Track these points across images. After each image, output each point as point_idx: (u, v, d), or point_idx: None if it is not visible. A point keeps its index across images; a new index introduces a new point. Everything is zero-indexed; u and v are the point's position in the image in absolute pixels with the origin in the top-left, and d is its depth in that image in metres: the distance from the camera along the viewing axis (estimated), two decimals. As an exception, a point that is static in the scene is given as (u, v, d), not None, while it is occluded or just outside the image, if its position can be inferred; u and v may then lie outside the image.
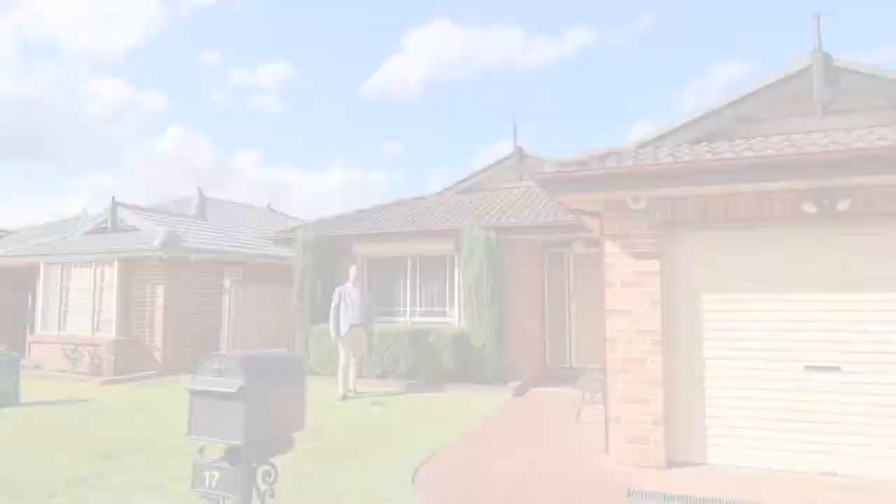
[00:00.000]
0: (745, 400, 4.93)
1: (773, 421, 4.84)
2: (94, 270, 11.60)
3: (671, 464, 4.97)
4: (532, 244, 9.35)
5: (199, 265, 11.98)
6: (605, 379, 5.32)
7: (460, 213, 9.90)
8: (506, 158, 11.49)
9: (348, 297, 8.10)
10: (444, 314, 9.62)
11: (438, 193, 12.22)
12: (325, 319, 9.40)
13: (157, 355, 11.20)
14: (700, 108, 5.15)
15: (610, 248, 5.26)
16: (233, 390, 2.79)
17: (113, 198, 12.42)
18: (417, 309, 9.81)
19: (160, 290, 11.27)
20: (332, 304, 8.15)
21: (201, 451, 2.94)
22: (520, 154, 11.32)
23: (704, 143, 5.05)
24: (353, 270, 8.26)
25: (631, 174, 4.67)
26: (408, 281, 9.87)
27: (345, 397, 7.85)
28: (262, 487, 2.93)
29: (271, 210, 21.08)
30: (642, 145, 5.28)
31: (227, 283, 10.96)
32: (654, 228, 5.12)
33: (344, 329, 7.99)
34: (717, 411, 5.01)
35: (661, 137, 5.28)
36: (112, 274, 11.41)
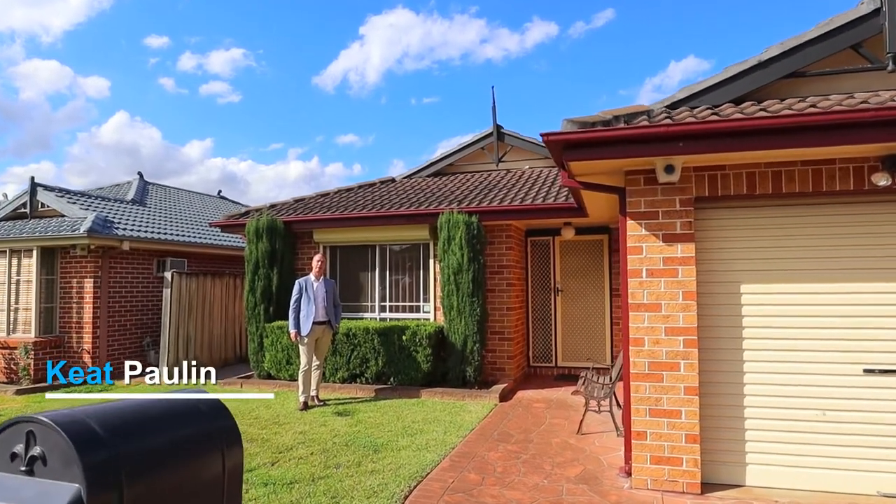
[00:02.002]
0: (792, 410, 4.13)
1: (825, 434, 4.07)
2: (9, 261, 9.99)
3: (706, 488, 4.14)
4: (515, 231, 8.42)
5: (136, 255, 10.56)
6: (610, 384, 4.40)
7: (434, 196, 8.87)
8: (483, 138, 10.49)
9: (311, 290, 6.97)
10: (418, 309, 8.59)
11: (407, 176, 11.14)
12: (282, 316, 8.25)
13: (88, 358, 9.75)
14: (739, 64, 4.30)
15: (634, 229, 4.35)
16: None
17: (32, 178, 10.79)
18: (388, 304, 8.74)
19: (89, 284, 9.81)
20: (292, 299, 7.01)
21: None
22: (499, 133, 10.35)
23: (751, 103, 4.20)
24: (316, 260, 7.13)
25: (669, 135, 3.76)
26: (377, 272, 8.78)
27: (307, 406, 6.74)
28: None
29: (221, 198, 19.50)
30: (673, 104, 4.39)
31: (168, 274, 9.58)
32: (689, 206, 4.25)
33: (306, 328, 6.86)
34: (759, 423, 4.20)
35: (693, 96, 4.40)
36: (31, 265, 9.85)
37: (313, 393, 6.98)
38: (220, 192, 20.35)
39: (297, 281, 7.11)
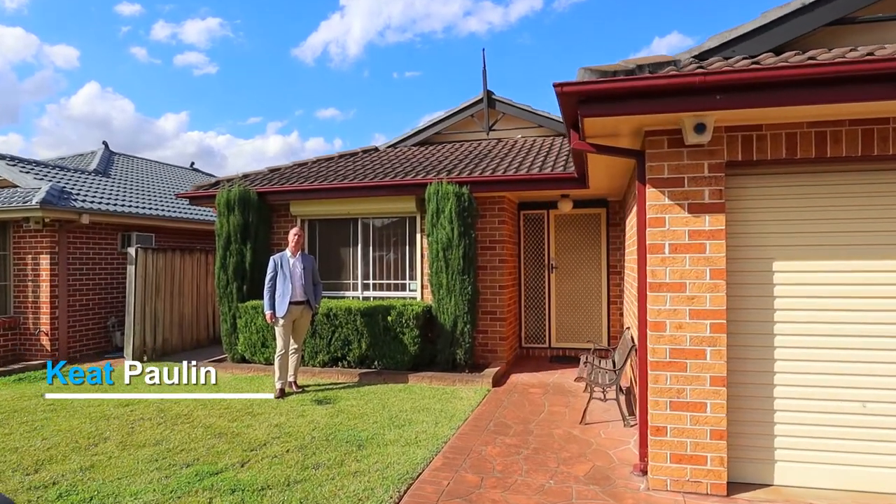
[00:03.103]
0: (828, 402, 3.69)
1: (865, 429, 3.64)
2: (-45, 235, 9.14)
3: (732, 488, 3.70)
4: (508, 204, 7.85)
5: (98, 229, 9.77)
6: (615, 370, 3.91)
7: (421, 166, 8.23)
8: (472, 104, 9.81)
9: (287, 267, 6.34)
10: (404, 287, 8.02)
11: (391, 146, 10.45)
12: (257, 295, 7.63)
13: (45, 341, 9.03)
14: (778, 9, 3.73)
15: (655, 198, 3.81)
16: None
17: (-20, 144, 9.84)
18: (372, 282, 8.15)
19: (45, 261, 9.02)
20: (266, 277, 6.38)
21: None
22: (490, 99, 9.68)
23: (793, 53, 3.64)
24: (293, 234, 6.48)
25: (706, 86, 3.19)
26: (359, 248, 8.17)
27: (283, 394, 6.18)
28: None
29: (194, 170, 18.56)
30: (701, 55, 3.82)
31: (131, 250, 8.83)
32: (719, 171, 3.71)
33: (282, 308, 6.25)
34: (790, 417, 3.75)
35: (725, 45, 3.84)
36: (-21, 240, 9.01)
37: (291, 379, 6.42)
38: (192, 164, 19.39)
39: (271, 258, 6.47)
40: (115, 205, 10.15)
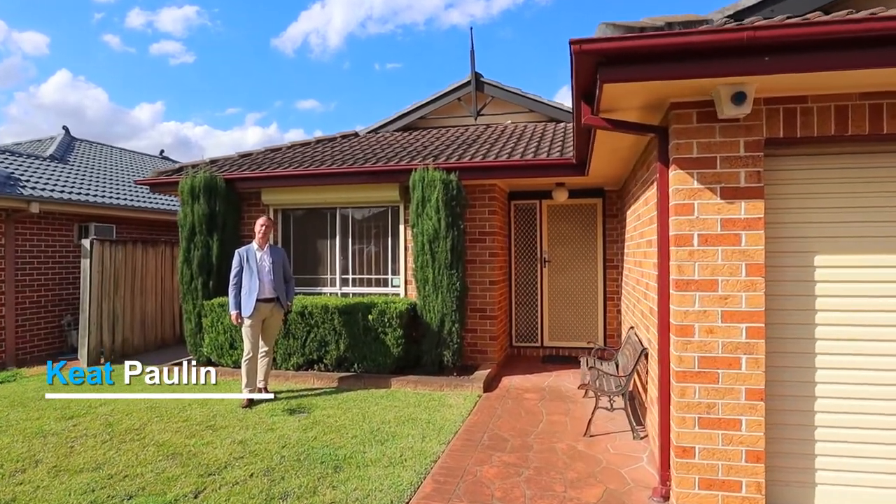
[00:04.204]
0: (877, 417, 3.21)
1: (918, 447, 3.17)
2: None
3: (768, 517, 3.20)
4: (499, 193, 7.27)
5: (51, 219, 8.96)
6: (624, 375, 3.43)
7: (405, 151, 7.61)
8: (459, 87, 9.19)
9: (253, 261, 5.69)
10: (386, 283, 7.41)
11: (372, 131, 9.79)
12: (224, 291, 6.97)
13: (-9, 341, 8.22)
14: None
15: (681, 181, 3.26)
16: None
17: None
18: (351, 276, 7.53)
19: (-11, 253, 8.19)
20: (231, 273, 5.72)
21: None
22: (478, 82, 9.07)
23: (846, 12, 3.11)
24: (259, 224, 5.81)
25: (755, 44, 2.64)
26: (338, 240, 7.52)
27: (251, 403, 5.54)
28: None
29: (164, 158, 17.61)
30: (737, 14, 3.27)
31: (85, 242, 8.05)
32: (757, 150, 3.18)
33: (249, 307, 5.60)
34: (833, 434, 3.27)
35: (764, 3, 3.30)
36: (-85, 230, 8.15)
37: (260, 385, 5.78)
38: (162, 151, 18.41)
39: (236, 251, 5.79)
40: (72, 193, 9.32)
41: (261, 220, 5.82)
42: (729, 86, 2.99)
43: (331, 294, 7.46)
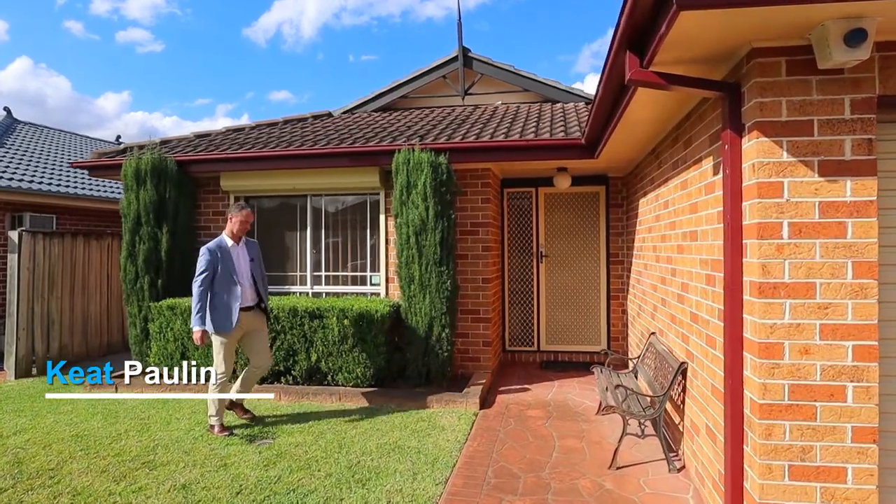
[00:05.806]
0: None
1: None
2: None
3: (874, 592, 2.44)
4: (493, 179, 6.42)
5: (-26, 208, 7.78)
6: (661, 395, 2.68)
7: (386, 132, 6.69)
8: (445, 63, 8.29)
9: (231, 261, 4.55)
10: (364, 281, 6.51)
11: (348, 111, 8.82)
12: (175, 292, 5.98)
13: None
14: None
15: (765, 153, 2.46)
16: None
17: None
18: (325, 274, 6.59)
19: None
20: (198, 276, 4.44)
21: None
22: (465, 57, 8.19)
23: None
24: (235, 213, 4.60)
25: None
26: (308, 232, 6.58)
27: (226, 429, 4.53)
28: None
29: (119, 143, 16.22)
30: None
31: (13, 234, 6.93)
32: (868, 111, 2.40)
33: (232, 320, 4.46)
34: (951, 480, 2.52)
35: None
36: None
37: (234, 396, 4.73)
38: (118, 137, 17.06)
39: (204, 248, 4.50)
40: (2, 179, 8.15)
41: (244, 212, 4.59)
42: (843, 19, 2.19)
43: (301, 294, 6.52)
